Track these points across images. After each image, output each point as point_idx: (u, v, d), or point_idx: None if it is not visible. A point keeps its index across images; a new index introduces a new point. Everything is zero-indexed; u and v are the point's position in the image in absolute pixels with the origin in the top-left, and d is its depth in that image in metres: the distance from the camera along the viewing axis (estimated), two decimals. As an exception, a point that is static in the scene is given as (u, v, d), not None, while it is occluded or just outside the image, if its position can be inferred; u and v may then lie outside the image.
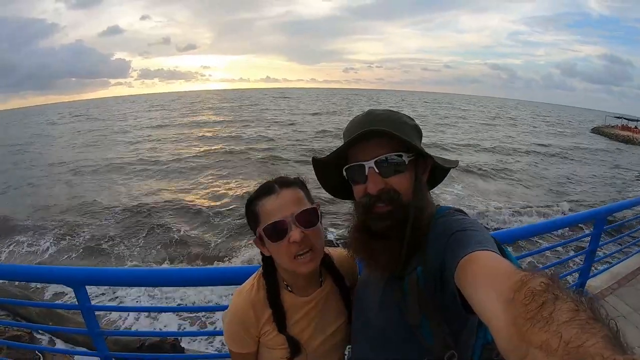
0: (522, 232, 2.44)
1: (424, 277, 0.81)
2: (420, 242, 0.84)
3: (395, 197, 0.84)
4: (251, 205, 0.98)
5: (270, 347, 1.03)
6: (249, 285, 1.05)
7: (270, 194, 0.95)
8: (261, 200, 0.96)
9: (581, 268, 3.24)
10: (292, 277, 1.02)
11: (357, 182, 0.88)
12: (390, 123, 0.84)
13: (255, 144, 24.93)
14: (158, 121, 46.43)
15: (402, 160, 0.84)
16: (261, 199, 0.96)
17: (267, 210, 0.94)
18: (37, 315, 5.64)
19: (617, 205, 3.41)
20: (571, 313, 0.40)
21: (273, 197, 0.95)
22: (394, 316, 0.86)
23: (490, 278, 0.57)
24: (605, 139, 39.85)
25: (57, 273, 1.84)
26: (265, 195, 0.96)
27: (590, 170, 21.29)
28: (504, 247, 0.89)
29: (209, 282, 1.77)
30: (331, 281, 1.10)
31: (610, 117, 56.13)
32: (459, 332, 0.80)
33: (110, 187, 15.73)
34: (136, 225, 11.31)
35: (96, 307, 1.83)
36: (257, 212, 0.96)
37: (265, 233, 0.93)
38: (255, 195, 0.98)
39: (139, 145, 26.82)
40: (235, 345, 1.03)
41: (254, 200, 0.98)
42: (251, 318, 1.00)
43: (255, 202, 0.97)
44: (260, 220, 0.95)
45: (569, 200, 14.51)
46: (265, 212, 0.94)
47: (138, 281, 2.01)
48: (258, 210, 0.96)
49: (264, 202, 0.95)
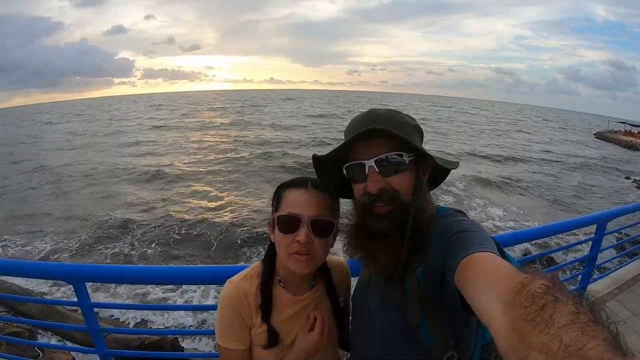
0: (523, 236, 2.43)
1: (424, 277, 0.81)
2: (420, 242, 0.83)
3: (395, 197, 0.83)
4: (280, 189, 1.02)
5: (255, 343, 1.02)
6: (242, 275, 1.05)
7: (300, 187, 0.98)
8: (290, 189, 0.99)
9: (582, 273, 3.22)
10: (287, 272, 1.02)
11: (357, 180, 0.88)
12: (392, 122, 0.84)
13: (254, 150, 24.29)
14: (156, 121, 46.14)
15: (403, 159, 0.84)
16: (291, 187, 0.99)
17: (290, 200, 0.96)
18: (38, 312, 5.66)
19: (619, 210, 3.38)
20: (571, 316, 0.40)
21: (302, 191, 0.97)
22: (394, 317, 0.86)
23: (490, 279, 0.57)
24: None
25: (57, 269, 1.84)
26: (296, 187, 0.99)
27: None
28: (504, 249, 0.88)
29: (209, 280, 1.76)
30: (323, 287, 1.10)
31: (613, 122, 56.05)
32: (459, 333, 0.79)
33: (93, 196, 14.97)
34: (120, 232, 11.13)
35: (96, 305, 1.83)
36: (281, 198, 0.99)
37: (278, 220, 0.95)
38: (288, 183, 1.01)
39: (132, 149, 26.16)
40: (227, 338, 1.01)
41: (284, 186, 1.01)
42: (244, 304, 1.00)
43: (284, 188, 1.00)
44: (280, 206, 0.97)
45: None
46: (288, 201, 0.97)
47: (138, 278, 2.01)
48: (283, 196, 0.98)
49: (292, 191, 0.98)
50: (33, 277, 3.15)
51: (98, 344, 1.80)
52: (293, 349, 1.02)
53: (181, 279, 2.07)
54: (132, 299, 7.27)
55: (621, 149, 36.93)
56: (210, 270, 1.78)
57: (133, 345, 4.56)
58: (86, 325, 1.75)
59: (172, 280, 2.11)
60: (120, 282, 6.30)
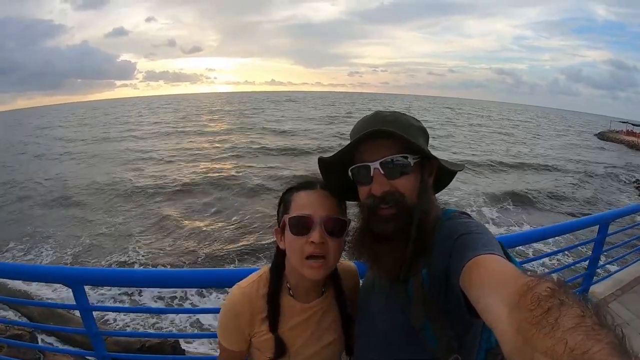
0: (525, 237, 2.42)
1: (429, 280, 0.81)
2: (425, 245, 0.83)
3: (399, 199, 0.83)
4: (287, 193, 1.00)
5: (260, 349, 1.01)
6: (250, 280, 1.04)
7: (309, 189, 0.97)
8: (299, 191, 0.97)
9: (585, 274, 3.21)
10: (296, 280, 1.01)
11: (362, 183, 0.88)
12: (398, 124, 0.84)
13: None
14: (154, 127, 45.14)
15: (408, 161, 0.84)
16: (299, 190, 0.98)
17: (301, 203, 0.95)
18: (39, 315, 5.67)
19: (622, 211, 3.37)
20: (577, 319, 0.39)
21: (311, 193, 0.96)
22: (398, 319, 0.86)
23: (496, 282, 0.56)
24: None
25: (56, 272, 1.84)
26: (305, 189, 0.98)
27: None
28: (508, 252, 0.88)
29: (209, 284, 1.76)
30: (332, 294, 1.09)
31: (615, 122, 56.03)
32: (463, 336, 0.79)
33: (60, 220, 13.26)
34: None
35: (94, 308, 1.83)
36: (290, 201, 0.97)
37: (289, 222, 0.94)
38: (295, 186, 1.00)
39: (124, 157, 25.32)
40: (226, 340, 1.01)
41: (292, 190, 1.00)
42: (245, 313, 0.98)
43: (292, 192, 0.99)
44: (290, 209, 0.96)
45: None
46: (298, 204, 0.95)
47: (138, 282, 2.01)
48: (292, 199, 0.97)
49: (301, 193, 0.97)
50: (32, 280, 3.15)
51: (97, 347, 1.79)
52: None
53: (181, 282, 2.06)
54: (132, 302, 7.28)
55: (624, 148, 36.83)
56: (210, 274, 1.78)
57: (134, 348, 4.55)
58: (85, 328, 1.74)
59: (172, 283, 2.10)
60: (119, 285, 6.31)
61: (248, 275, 1.08)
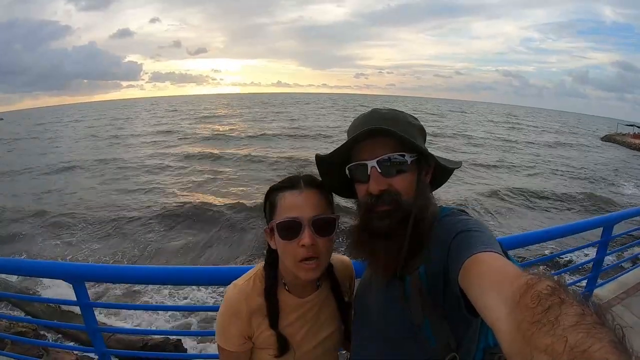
0: (527, 239, 2.39)
1: (426, 277, 0.80)
2: (422, 242, 0.83)
3: (396, 198, 0.83)
4: (272, 194, 0.97)
5: (261, 347, 1.01)
6: (245, 278, 1.03)
7: (293, 189, 0.94)
8: (283, 192, 0.94)
9: (588, 277, 3.18)
10: (291, 277, 1.00)
11: (360, 181, 0.88)
12: (395, 123, 0.84)
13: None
14: (151, 129, 44.41)
15: (405, 160, 0.83)
16: (283, 191, 0.95)
17: (287, 205, 0.92)
18: (43, 312, 5.71)
19: (626, 213, 3.34)
20: (577, 317, 0.39)
21: (296, 193, 0.93)
22: (395, 316, 0.85)
23: (495, 280, 0.56)
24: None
25: (57, 268, 1.85)
26: (289, 189, 0.94)
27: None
28: (508, 252, 0.87)
29: (210, 281, 1.76)
30: (328, 286, 1.09)
31: (622, 125, 55.51)
32: (461, 334, 0.78)
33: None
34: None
35: (94, 304, 1.83)
36: (276, 204, 0.94)
37: (278, 227, 0.92)
38: (278, 186, 0.97)
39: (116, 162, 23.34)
40: (226, 342, 1.00)
41: (276, 191, 0.96)
42: (243, 311, 0.98)
43: (276, 193, 0.96)
44: (276, 213, 0.94)
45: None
46: (284, 206, 0.93)
47: (139, 278, 2.01)
48: (277, 202, 0.94)
49: (285, 195, 0.94)
50: (34, 275, 3.16)
51: (96, 343, 1.80)
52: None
53: (182, 280, 2.07)
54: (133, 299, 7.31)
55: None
56: (211, 271, 1.78)
57: (136, 346, 4.57)
58: (85, 324, 1.75)
59: (173, 280, 2.11)
60: (120, 282, 6.35)
61: (245, 272, 1.07)
